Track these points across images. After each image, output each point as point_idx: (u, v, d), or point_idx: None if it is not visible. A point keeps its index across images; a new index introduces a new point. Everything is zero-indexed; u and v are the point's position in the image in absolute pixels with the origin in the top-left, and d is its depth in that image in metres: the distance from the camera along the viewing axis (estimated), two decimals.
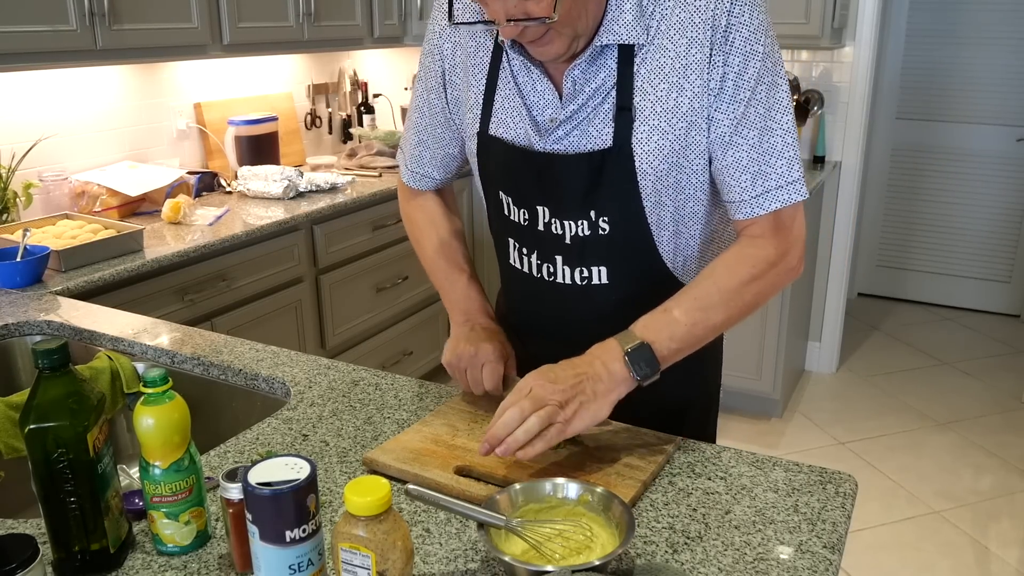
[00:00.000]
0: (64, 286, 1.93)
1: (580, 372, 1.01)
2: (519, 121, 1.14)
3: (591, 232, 1.13)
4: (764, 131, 1.06)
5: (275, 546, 0.76)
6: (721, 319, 1.07)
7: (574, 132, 1.10)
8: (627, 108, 1.06)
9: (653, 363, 1.02)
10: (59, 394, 0.84)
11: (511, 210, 1.19)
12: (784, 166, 1.07)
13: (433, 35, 1.23)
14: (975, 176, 4.39)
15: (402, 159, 1.37)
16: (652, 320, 1.05)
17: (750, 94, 1.04)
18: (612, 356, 1.03)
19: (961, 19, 4.22)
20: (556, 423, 0.97)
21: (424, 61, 1.26)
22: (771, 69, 1.05)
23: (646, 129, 1.06)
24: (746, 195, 1.08)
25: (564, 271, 1.17)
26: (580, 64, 1.06)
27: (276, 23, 2.82)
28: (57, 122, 2.55)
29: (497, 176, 1.20)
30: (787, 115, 1.07)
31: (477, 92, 1.18)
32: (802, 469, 1.07)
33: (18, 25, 2.07)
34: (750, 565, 0.88)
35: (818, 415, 3.43)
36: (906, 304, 4.68)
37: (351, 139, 3.62)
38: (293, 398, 1.29)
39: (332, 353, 2.86)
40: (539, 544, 0.86)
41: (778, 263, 1.10)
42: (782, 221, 1.10)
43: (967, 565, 2.50)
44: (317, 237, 2.72)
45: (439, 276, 1.33)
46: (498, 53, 1.15)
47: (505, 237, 1.24)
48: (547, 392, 0.98)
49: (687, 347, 1.06)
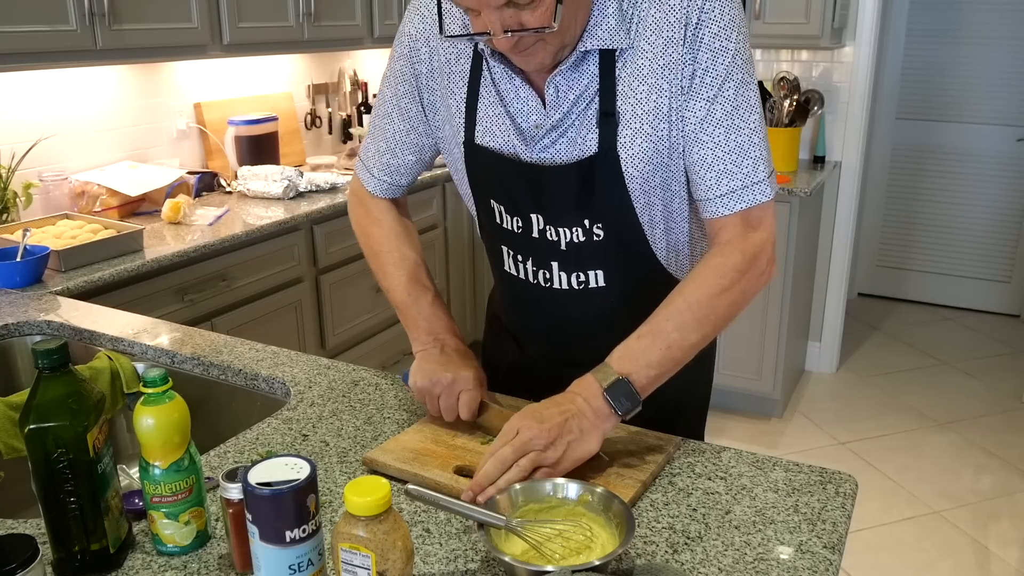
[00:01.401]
0: (64, 286, 1.93)
1: (565, 410, 1.00)
2: (504, 130, 1.12)
3: (586, 238, 1.12)
4: (731, 129, 1.05)
5: (275, 546, 0.76)
6: (696, 337, 1.06)
7: (560, 140, 1.09)
8: (610, 113, 1.06)
9: (633, 397, 1.01)
10: (59, 394, 0.84)
11: (504, 218, 1.18)
12: (750, 165, 1.06)
13: (407, 37, 1.19)
14: (975, 176, 4.39)
15: (364, 168, 1.32)
16: (627, 350, 1.04)
17: (717, 91, 1.04)
18: (592, 393, 1.02)
19: (961, 19, 4.22)
20: (543, 468, 0.97)
21: (395, 66, 1.22)
22: (740, 67, 1.04)
23: (630, 133, 1.06)
24: (711, 193, 1.08)
25: (561, 276, 1.17)
26: (562, 71, 1.05)
27: (276, 23, 2.82)
28: (57, 122, 2.55)
29: (488, 185, 1.18)
30: (754, 114, 1.06)
31: (459, 100, 1.16)
32: (802, 469, 1.07)
33: (18, 25, 2.07)
34: (750, 565, 0.88)
35: (818, 415, 3.43)
36: (906, 304, 4.68)
37: (351, 139, 3.62)
38: (293, 398, 1.29)
39: (332, 353, 2.86)
40: (539, 544, 0.86)
41: (747, 270, 1.08)
42: (749, 223, 1.08)
43: (967, 565, 2.50)
44: (317, 237, 2.72)
45: (399, 293, 1.25)
46: (478, 61, 1.13)
47: (499, 244, 1.22)
48: (533, 434, 0.97)
49: (666, 371, 1.05)
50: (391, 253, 1.28)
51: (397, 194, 1.33)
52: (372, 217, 1.32)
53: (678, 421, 1.24)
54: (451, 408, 1.13)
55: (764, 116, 1.09)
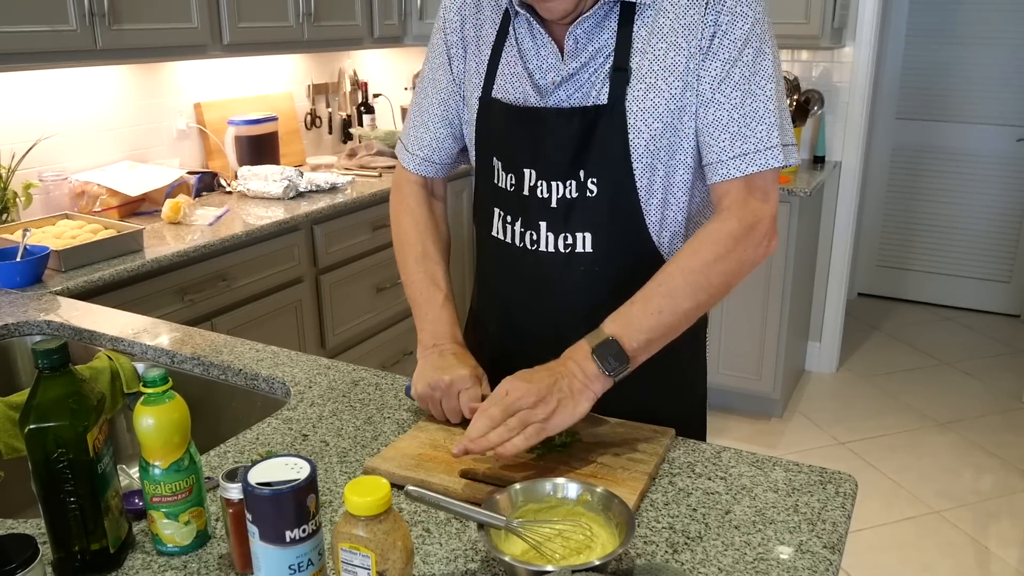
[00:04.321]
0: (64, 286, 1.93)
1: (554, 372, 1.02)
2: (520, 85, 1.15)
3: (578, 194, 1.13)
4: (747, 94, 1.07)
5: (275, 546, 0.76)
6: (689, 304, 1.06)
7: (575, 94, 1.11)
8: (623, 68, 1.08)
9: (622, 357, 1.02)
10: (59, 394, 0.84)
11: (499, 176, 1.20)
12: (764, 131, 1.07)
13: (442, 10, 1.26)
14: (975, 176, 4.39)
15: (401, 145, 1.35)
16: (619, 315, 1.06)
17: (736, 54, 1.06)
18: (582, 355, 1.03)
19: (961, 19, 4.22)
20: (533, 423, 0.98)
21: (432, 40, 1.28)
22: (759, 35, 1.06)
23: (643, 87, 1.08)
24: (724, 155, 1.08)
25: (548, 238, 1.17)
26: (583, 23, 1.08)
27: (276, 23, 2.82)
28: (57, 122, 2.55)
29: (493, 140, 1.21)
30: (771, 83, 1.07)
31: (480, 61, 1.20)
32: (802, 469, 1.07)
33: (18, 25, 2.07)
34: (750, 565, 0.88)
35: (818, 415, 3.43)
36: (906, 304, 4.68)
37: (351, 139, 3.62)
38: (293, 398, 1.29)
39: (332, 353, 2.86)
40: (539, 544, 0.86)
41: (744, 237, 1.07)
42: (752, 191, 1.08)
43: (967, 565, 2.50)
44: (317, 237, 2.72)
45: (415, 289, 1.28)
46: (504, 26, 1.17)
47: (491, 208, 1.24)
48: (521, 393, 0.99)
49: (658, 336, 1.05)
50: (414, 247, 1.30)
51: (431, 172, 1.34)
52: (405, 205, 1.34)
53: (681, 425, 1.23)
54: (454, 410, 1.14)
55: (784, 90, 1.10)
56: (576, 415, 1.01)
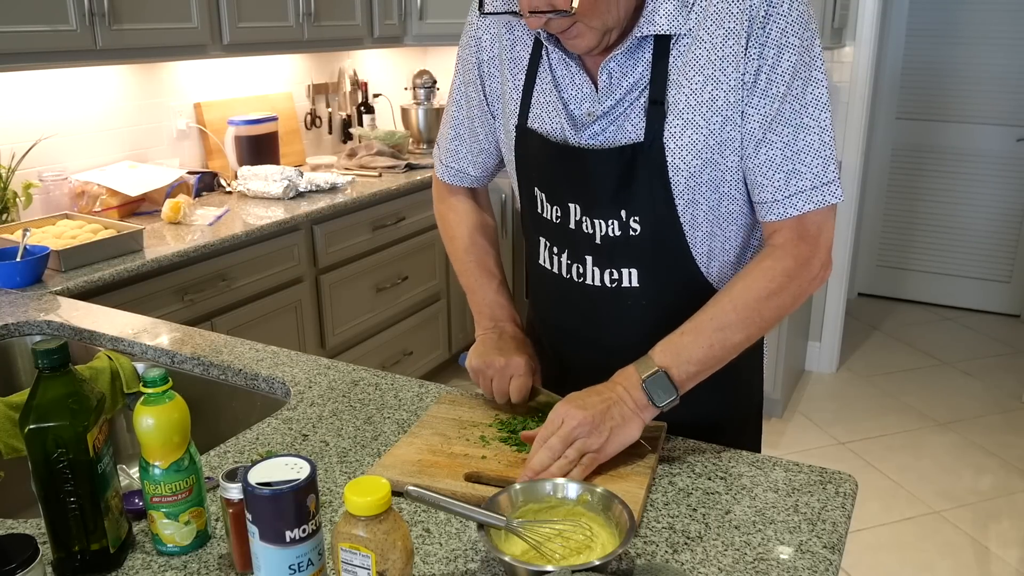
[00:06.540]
0: (64, 286, 1.93)
1: (606, 398, 1.03)
2: (555, 116, 1.12)
3: (622, 233, 1.10)
4: (799, 128, 1.02)
5: (275, 546, 0.76)
6: (740, 338, 1.05)
7: (610, 128, 1.08)
8: (659, 102, 1.03)
9: (671, 390, 1.03)
10: (59, 394, 0.84)
11: (544, 207, 1.18)
12: (820, 166, 1.03)
13: (470, 27, 1.23)
14: (975, 176, 4.39)
15: (437, 154, 1.35)
16: (669, 344, 1.05)
17: (785, 89, 1.01)
18: (632, 383, 1.03)
19: (961, 18, 4.22)
20: (589, 452, 1.00)
21: (461, 54, 1.25)
22: (808, 63, 1.01)
23: (680, 123, 1.03)
24: (779, 195, 1.04)
25: (594, 272, 1.15)
26: (616, 57, 1.05)
27: (276, 23, 2.82)
28: (57, 122, 2.55)
29: (533, 172, 1.18)
30: (824, 112, 1.03)
31: (515, 86, 1.17)
32: (802, 469, 1.07)
33: (18, 25, 2.07)
34: (750, 565, 0.88)
35: (818, 415, 3.43)
36: (906, 304, 4.68)
37: (351, 139, 3.62)
38: (293, 398, 1.29)
39: (332, 353, 2.86)
40: (539, 544, 0.86)
41: (797, 274, 1.05)
42: (806, 228, 1.05)
43: (967, 565, 2.50)
44: (317, 237, 2.72)
45: (468, 278, 1.31)
46: (538, 48, 1.15)
47: (537, 236, 1.22)
48: (577, 422, 1.00)
49: (706, 368, 1.05)
50: (463, 239, 1.32)
51: (465, 183, 1.34)
52: (448, 204, 1.36)
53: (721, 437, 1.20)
54: (502, 391, 1.17)
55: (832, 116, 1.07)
56: (627, 442, 1.03)
